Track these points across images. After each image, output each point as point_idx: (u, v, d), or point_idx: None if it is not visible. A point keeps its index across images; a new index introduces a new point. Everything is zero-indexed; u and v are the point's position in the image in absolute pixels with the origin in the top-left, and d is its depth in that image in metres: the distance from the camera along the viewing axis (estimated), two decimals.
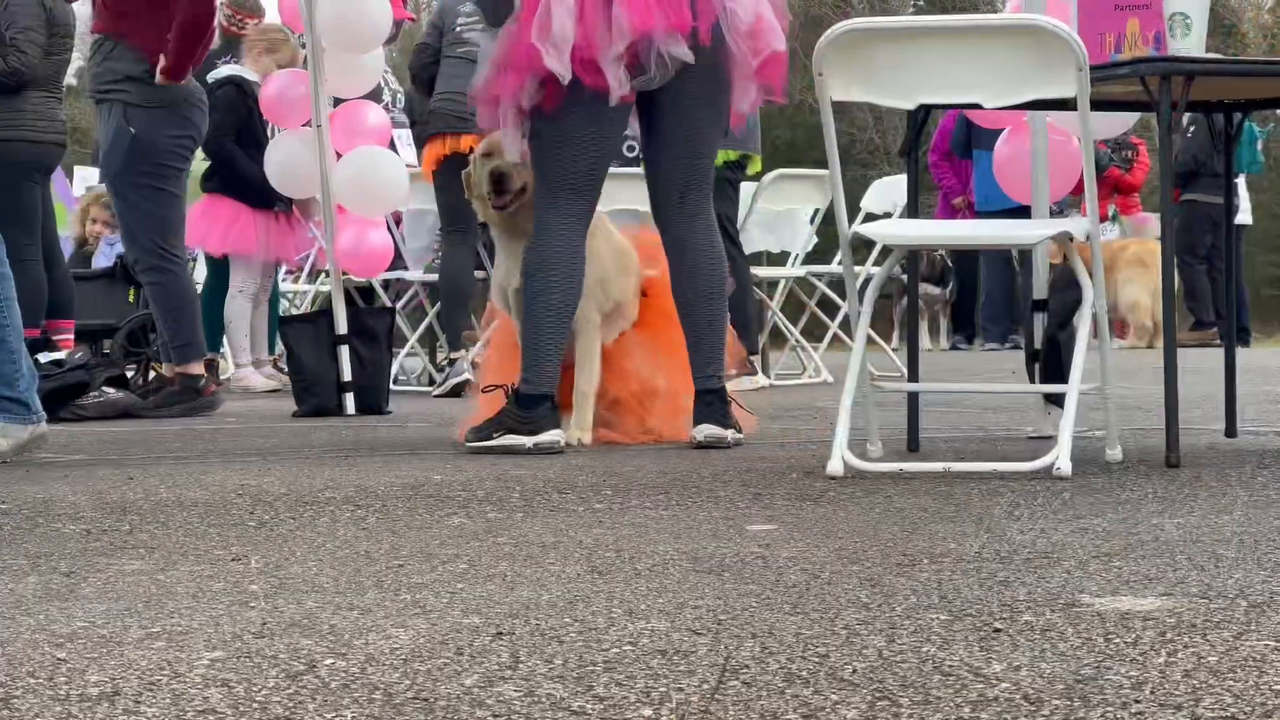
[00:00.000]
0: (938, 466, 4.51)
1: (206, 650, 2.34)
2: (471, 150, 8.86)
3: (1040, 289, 5.58)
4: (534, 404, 5.45)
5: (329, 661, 2.26)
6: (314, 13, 7.81)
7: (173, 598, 2.79)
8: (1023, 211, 9.73)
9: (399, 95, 11.35)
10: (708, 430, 5.57)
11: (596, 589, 2.79)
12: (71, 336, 9.22)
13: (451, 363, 9.37)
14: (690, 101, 5.53)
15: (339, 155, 8.10)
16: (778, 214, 10.45)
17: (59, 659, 2.30)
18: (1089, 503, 3.87)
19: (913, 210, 5.24)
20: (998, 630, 2.37)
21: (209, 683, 2.15)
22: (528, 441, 5.42)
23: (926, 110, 4.95)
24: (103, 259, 11.47)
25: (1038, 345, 5.55)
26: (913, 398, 5.26)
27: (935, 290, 17.41)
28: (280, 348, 11.72)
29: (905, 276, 9.14)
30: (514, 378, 5.71)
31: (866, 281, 6.94)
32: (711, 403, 5.61)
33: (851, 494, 4.11)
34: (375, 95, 9.74)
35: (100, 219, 12.07)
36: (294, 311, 11.70)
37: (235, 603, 2.73)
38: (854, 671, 2.15)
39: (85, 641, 2.42)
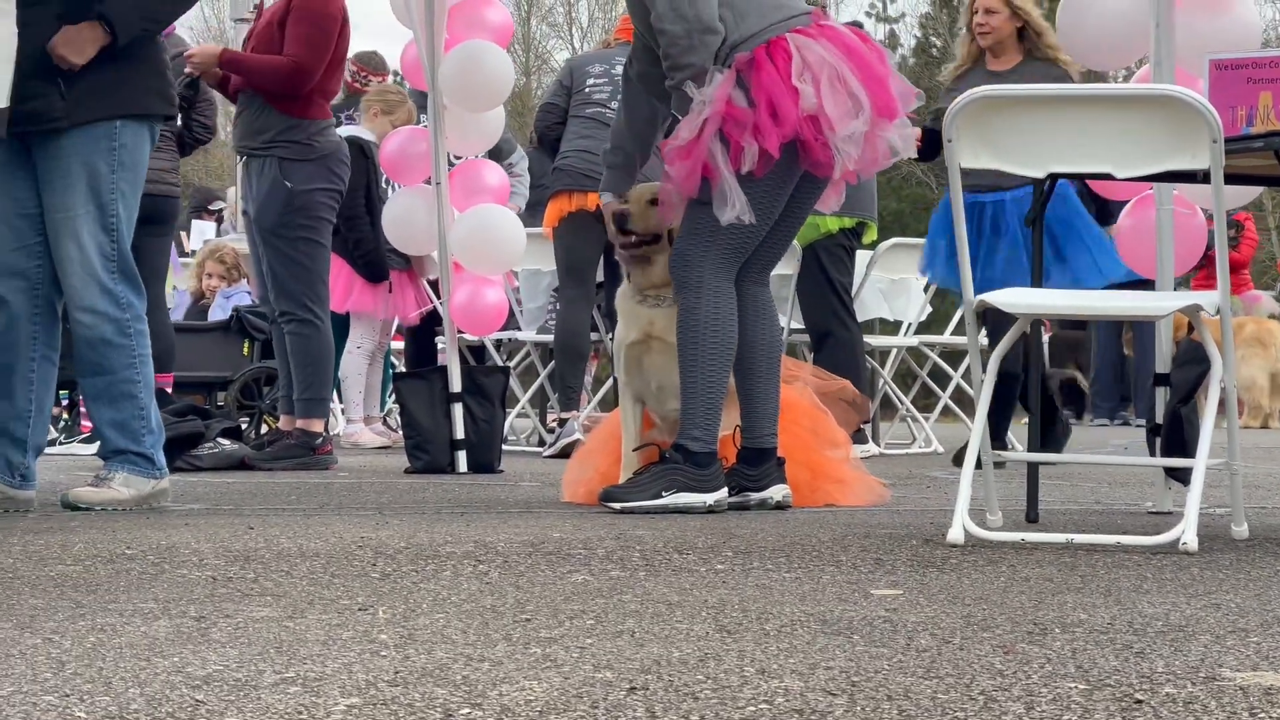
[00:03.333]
0: (1060, 538, 4.47)
1: (342, 696, 2.35)
2: (599, 208, 8.95)
3: (1163, 363, 5.53)
4: (708, 461, 5.45)
5: (465, 711, 2.26)
6: (436, 70, 7.88)
7: (304, 644, 2.80)
8: (1131, 286, 9.68)
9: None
10: (786, 490, 5.67)
11: (727, 647, 2.78)
12: (169, 388, 9.29)
13: (562, 423, 9.39)
14: (812, 188, 5.57)
15: (457, 213, 8.15)
16: (892, 282, 10.43)
17: (197, 700, 2.31)
18: (1218, 578, 3.82)
19: (1037, 279, 5.21)
20: (1139, 701, 2.34)
21: None
22: (708, 499, 5.43)
23: (1054, 180, 4.93)
24: (219, 312, 11.58)
25: (1159, 420, 5.50)
26: (1032, 468, 5.21)
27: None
28: (389, 405, 11.80)
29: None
30: (611, 455, 5.76)
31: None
32: (782, 463, 5.70)
33: (974, 562, 4.08)
34: (497, 154, 9.81)
35: (215, 273, 12.20)
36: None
37: (366, 651, 2.73)
38: None
39: (221, 685, 2.43)
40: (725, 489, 5.50)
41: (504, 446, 8.58)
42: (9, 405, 5.58)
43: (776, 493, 5.66)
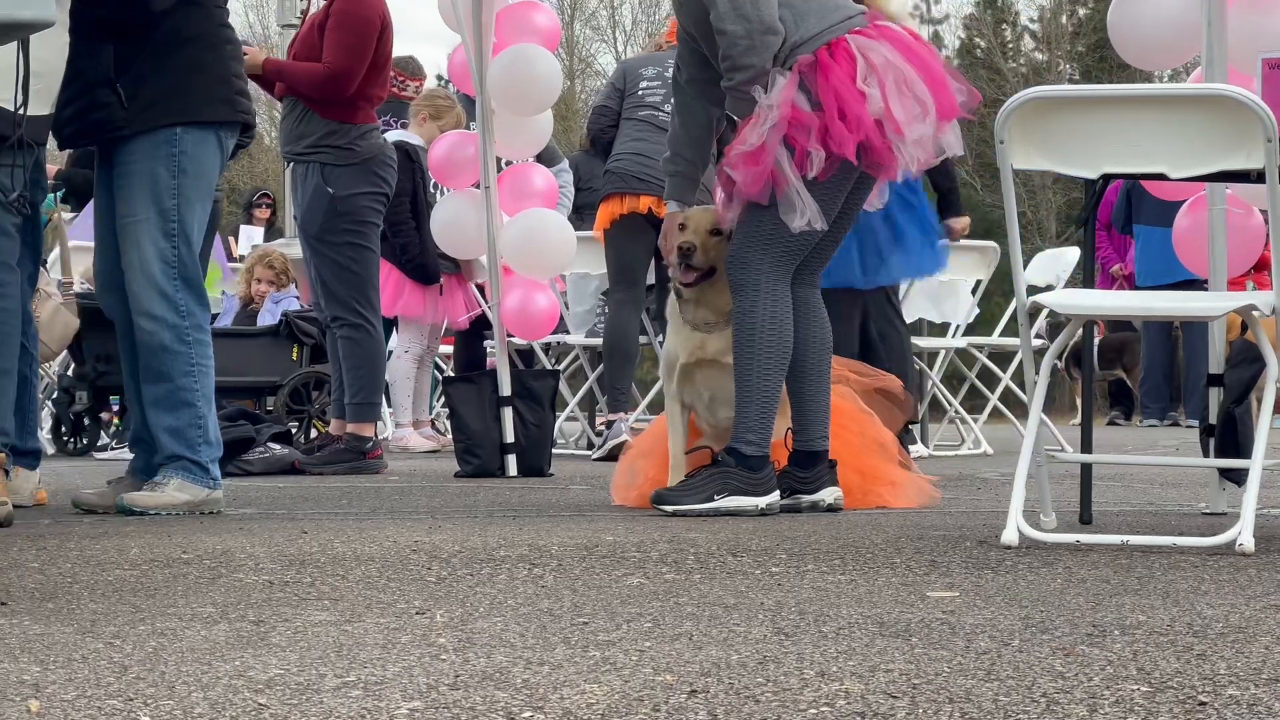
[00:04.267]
0: (1116, 539, 4.45)
1: (404, 700, 2.35)
2: (650, 211, 8.95)
3: (1217, 363, 5.51)
4: (760, 465, 5.46)
5: (527, 714, 2.27)
6: (484, 75, 7.90)
7: (363, 648, 2.81)
8: (1183, 287, 9.58)
9: None
10: (838, 492, 5.70)
11: (785, 650, 2.78)
12: None
13: (610, 425, 9.38)
14: (864, 188, 5.58)
15: (505, 217, 8.16)
16: (940, 284, 10.40)
17: (260, 704, 2.32)
18: (1276, 579, 3.80)
19: (1088, 280, 5.19)
20: (1203, 704, 2.33)
21: None
22: (760, 502, 5.44)
23: (1106, 180, 4.91)
24: (268, 317, 11.61)
25: (1213, 420, 5.47)
26: (1086, 469, 5.19)
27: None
28: (437, 408, 11.83)
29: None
30: (659, 459, 5.78)
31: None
32: (834, 465, 5.71)
33: (1029, 564, 4.07)
34: (547, 158, 9.82)
35: (264, 278, 12.22)
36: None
37: (425, 655, 2.74)
38: None
39: (283, 689, 2.43)
40: (777, 492, 5.50)
41: (553, 450, 8.59)
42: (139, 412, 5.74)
43: (828, 495, 5.66)
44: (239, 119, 5.78)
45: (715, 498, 5.40)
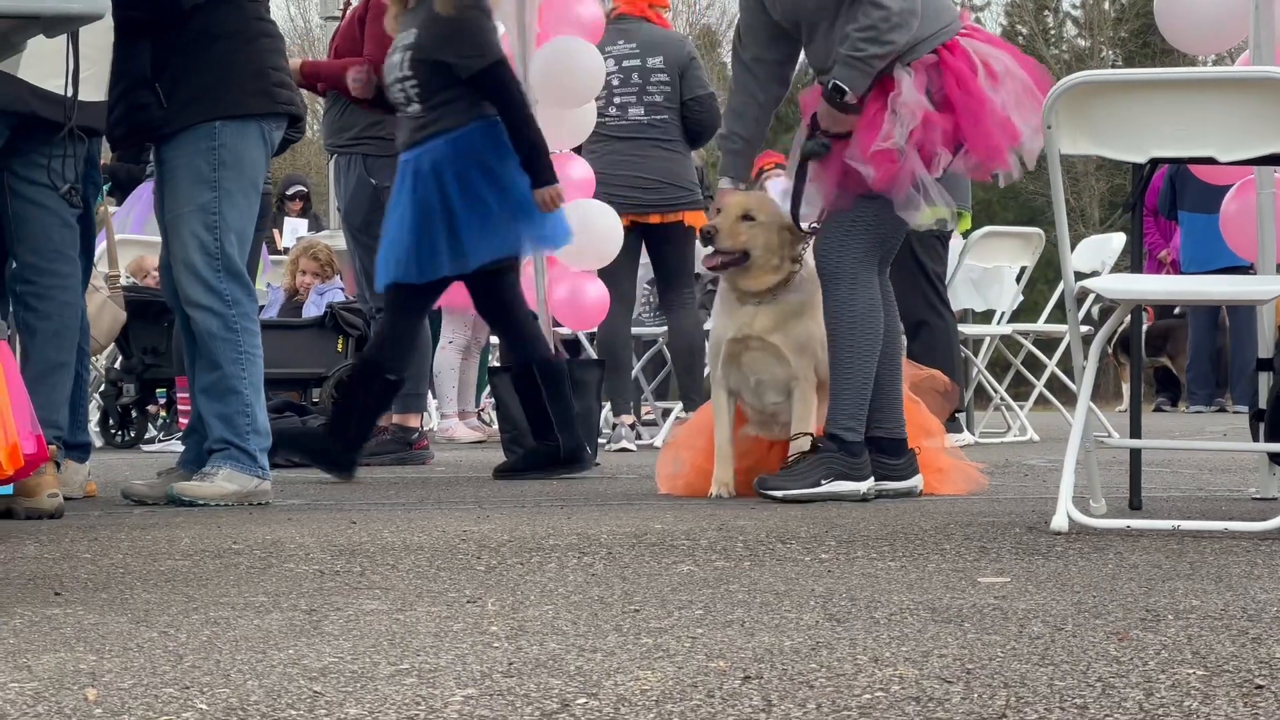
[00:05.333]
0: (1167, 524, 4.44)
1: (458, 687, 2.36)
2: (633, 222, 8.93)
3: (1266, 348, 5.48)
4: (860, 451, 5.53)
5: (581, 701, 2.27)
6: (527, 68, 7.89)
7: (415, 636, 2.82)
8: (1227, 272, 9.51)
9: None
10: (921, 479, 5.77)
11: (838, 636, 2.78)
12: None
13: (614, 427, 9.36)
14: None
15: None
16: (985, 271, 10.38)
17: (315, 692, 2.33)
18: None
19: (1136, 265, 5.17)
20: (1259, 687, 2.32)
21: (465, 719, 2.17)
22: (861, 487, 5.50)
23: (1153, 165, 4.89)
24: (313, 309, 11.63)
25: (1262, 405, 5.44)
26: (1135, 455, 5.17)
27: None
28: (484, 399, 11.83)
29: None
30: (703, 450, 5.79)
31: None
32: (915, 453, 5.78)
33: (1080, 549, 4.05)
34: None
35: (309, 270, 12.24)
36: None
37: (478, 643, 2.75)
38: None
39: (338, 676, 2.44)
40: (873, 478, 5.55)
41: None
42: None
43: (918, 482, 5.75)
44: (279, 110, 5.79)
45: (822, 483, 5.45)
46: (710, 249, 5.77)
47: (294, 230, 14.92)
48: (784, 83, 5.77)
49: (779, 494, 5.42)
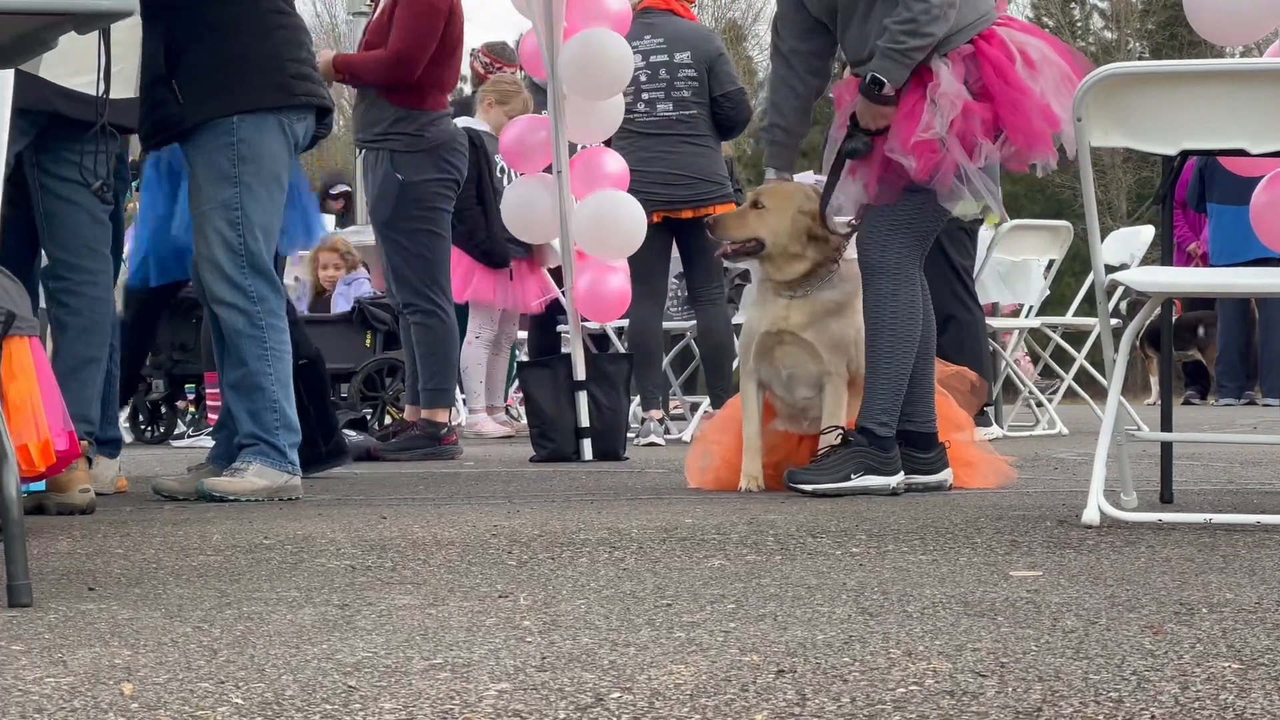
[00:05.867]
0: (1199, 518, 4.42)
1: (492, 682, 2.36)
2: (666, 219, 8.94)
3: None
4: (891, 445, 5.53)
5: (615, 695, 2.27)
6: (556, 59, 7.90)
7: (448, 631, 2.82)
8: (1257, 264, 9.48)
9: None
10: (951, 473, 5.77)
11: (870, 630, 2.77)
12: None
13: (642, 421, 9.37)
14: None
15: (575, 201, 8.15)
16: (1012, 265, 10.36)
17: (350, 686, 2.33)
18: None
19: (1166, 258, 5.16)
20: None
21: (500, 713, 2.17)
22: (891, 481, 5.50)
23: (1184, 157, 4.87)
24: (341, 302, 11.66)
25: None
26: (1166, 448, 5.16)
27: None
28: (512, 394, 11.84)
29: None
30: (731, 444, 5.80)
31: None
32: (945, 447, 5.79)
33: (1111, 543, 4.04)
34: None
35: (330, 263, 12.27)
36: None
37: (510, 637, 2.75)
38: (1153, 718, 2.11)
39: (371, 671, 2.45)
40: (903, 472, 5.55)
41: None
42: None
43: (948, 476, 5.75)
44: (298, 102, 5.75)
45: (852, 476, 5.44)
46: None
47: (323, 224, 14.93)
48: (822, 74, 5.78)
49: (809, 487, 5.42)
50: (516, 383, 11.48)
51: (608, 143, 8.95)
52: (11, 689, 2.32)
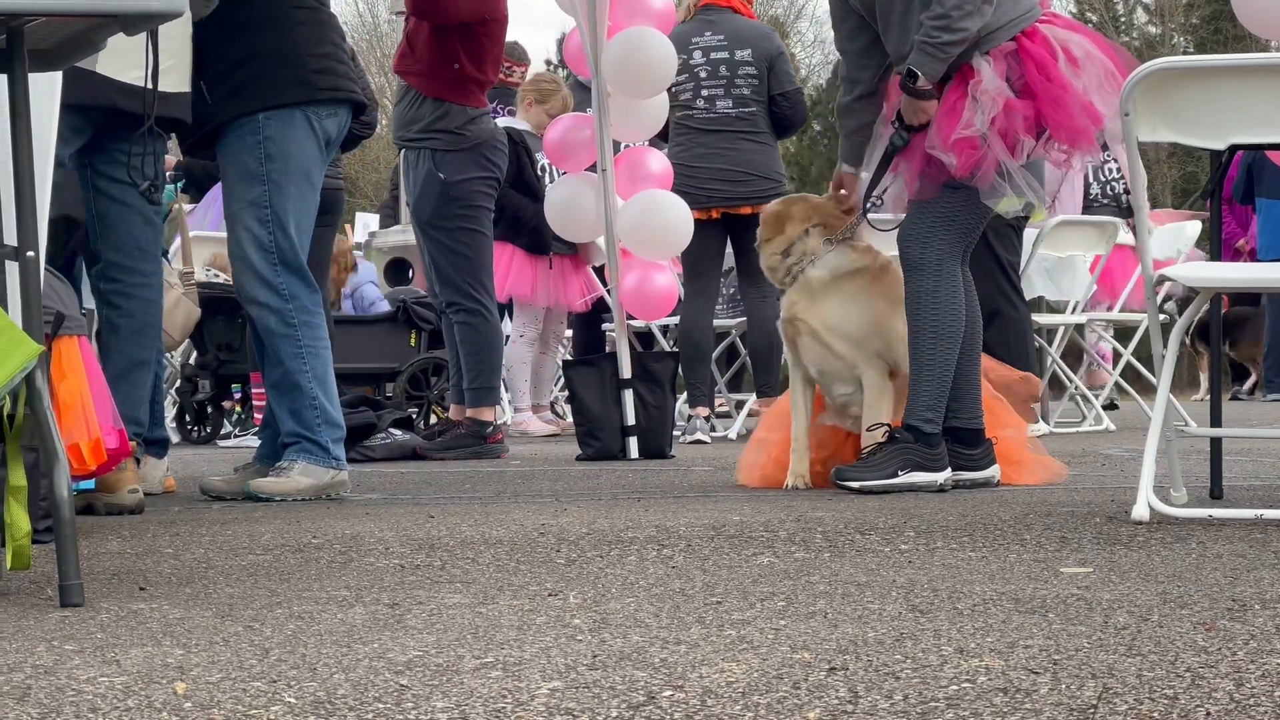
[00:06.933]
0: (1249, 513, 4.40)
1: (544, 680, 2.36)
2: (724, 215, 8.95)
3: None
4: (937, 441, 5.53)
5: (668, 693, 2.27)
6: (599, 58, 7.90)
7: (498, 630, 2.82)
8: None
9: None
10: (999, 470, 5.76)
11: (921, 627, 2.77)
12: None
13: (689, 419, 9.36)
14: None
15: (620, 200, 8.15)
16: (1058, 260, 10.32)
17: (402, 685, 2.33)
18: None
19: (1215, 252, 5.14)
20: None
21: (553, 711, 2.17)
22: (938, 478, 5.49)
23: (1232, 151, 4.85)
24: (349, 307, 11.68)
25: None
26: (1215, 444, 5.13)
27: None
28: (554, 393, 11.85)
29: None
30: (780, 442, 5.80)
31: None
32: (992, 444, 5.77)
33: (1162, 539, 4.03)
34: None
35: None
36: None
37: (561, 636, 2.75)
38: (1208, 715, 2.10)
39: (423, 670, 2.45)
40: (950, 469, 5.53)
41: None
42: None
43: (996, 472, 5.73)
44: (323, 97, 5.71)
45: (899, 473, 5.44)
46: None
47: (365, 225, 14.97)
48: (873, 67, 5.77)
49: (856, 484, 5.42)
50: (561, 381, 11.50)
51: (663, 137, 8.96)
52: (65, 688, 2.33)
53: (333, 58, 5.79)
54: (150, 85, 4.02)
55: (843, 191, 5.86)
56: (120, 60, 5.24)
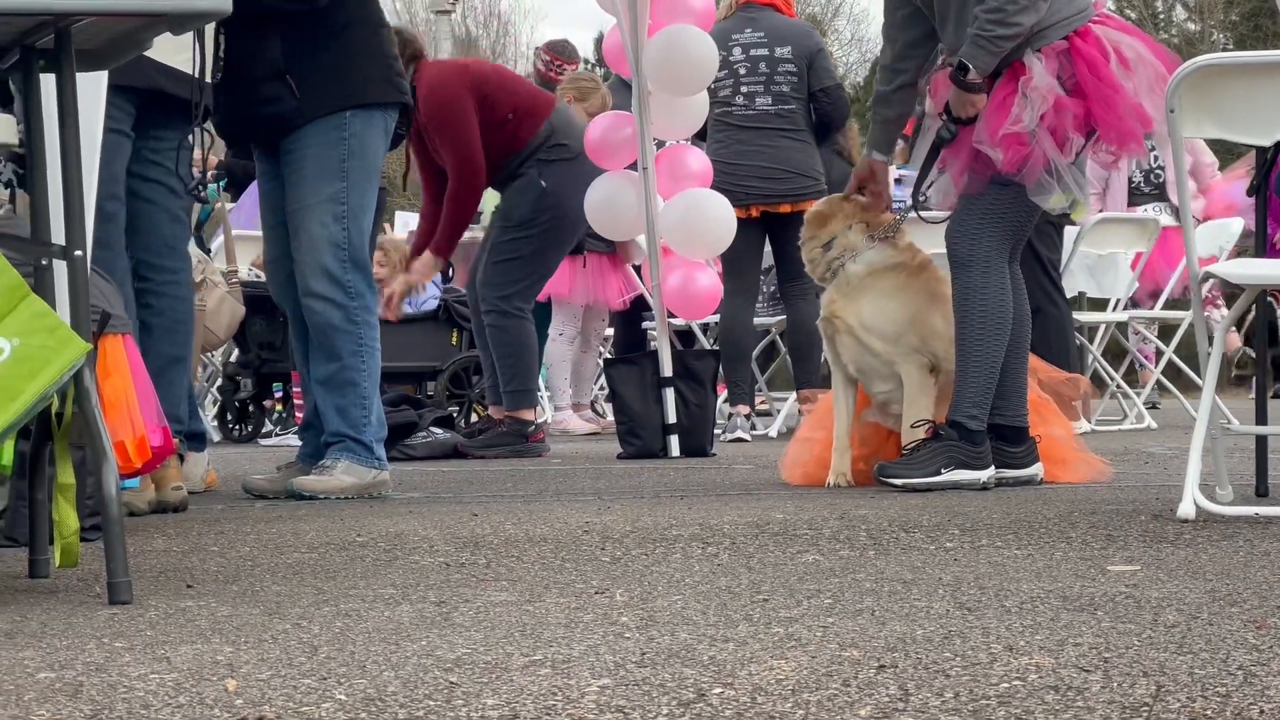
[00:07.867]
0: None
1: (593, 678, 2.36)
2: (763, 213, 8.94)
3: None
4: (982, 439, 5.52)
5: (718, 691, 2.26)
6: (640, 56, 7.89)
7: (546, 627, 2.82)
8: None
9: None
10: (1042, 468, 5.76)
11: (970, 625, 2.76)
12: None
13: (729, 417, 9.35)
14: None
15: (661, 199, 8.14)
16: (1099, 258, 10.29)
17: (451, 682, 2.33)
18: None
19: (1260, 249, 5.11)
20: None
21: (603, 709, 2.17)
22: (982, 476, 5.49)
23: (1278, 147, 4.83)
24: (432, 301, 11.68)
25: None
26: (1261, 442, 5.11)
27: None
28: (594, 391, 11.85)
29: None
30: (823, 440, 5.80)
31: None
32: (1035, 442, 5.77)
33: (1209, 537, 4.01)
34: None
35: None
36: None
37: (609, 633, 2.75)
38: (1261, 713, 2.09)
39: (472, 667, 2.45)
40: (993, 466, 5.52)
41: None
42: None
43: (1039, 470, 5.71)
44: (400, 99, 5.80)
45: (942, 471, 5.43)
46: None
47: (405, 223, 14.96)
48: (920, 60, 5.77)
49: (899, 481, 5.41)
50: (601, 379, 11.50)
51: (701, 136, 8.96)
52: (117, 685, 2.34)
53: (399, 59, 5.88)
54: (199, 80, 4.03)
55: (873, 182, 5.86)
56: (166, 44, 5.24)
